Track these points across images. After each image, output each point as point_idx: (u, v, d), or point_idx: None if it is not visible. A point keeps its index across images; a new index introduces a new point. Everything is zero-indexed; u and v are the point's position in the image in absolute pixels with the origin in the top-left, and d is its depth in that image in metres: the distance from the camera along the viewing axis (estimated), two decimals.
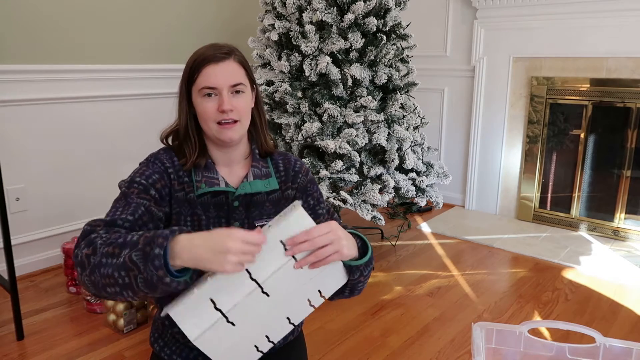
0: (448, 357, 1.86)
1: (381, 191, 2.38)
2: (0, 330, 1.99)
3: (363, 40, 2.35)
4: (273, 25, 2.52)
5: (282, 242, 0.88)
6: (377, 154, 2.47)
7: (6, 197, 1.99)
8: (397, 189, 2.46)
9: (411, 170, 2.54)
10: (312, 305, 0.95)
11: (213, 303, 0.85)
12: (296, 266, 0.89)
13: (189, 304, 0.84)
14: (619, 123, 2.94)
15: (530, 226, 3.26)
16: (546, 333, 1.95)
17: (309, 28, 2.34)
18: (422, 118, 2.66)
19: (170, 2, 2.91)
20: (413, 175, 2.49)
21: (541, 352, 1.11)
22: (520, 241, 3.00)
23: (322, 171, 2.29)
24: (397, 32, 2.50)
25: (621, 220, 3.00)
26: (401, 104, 2.53)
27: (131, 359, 1.83)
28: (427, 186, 2.58)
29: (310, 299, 0.94)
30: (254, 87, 1.12)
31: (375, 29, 2.38)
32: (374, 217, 2.34)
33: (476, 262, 2.72)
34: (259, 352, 0.92)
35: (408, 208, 3.52)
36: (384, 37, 2.41)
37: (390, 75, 2.45)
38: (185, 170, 1.07)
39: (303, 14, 2.38)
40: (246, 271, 0.86)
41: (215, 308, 0.85)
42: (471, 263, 2.71)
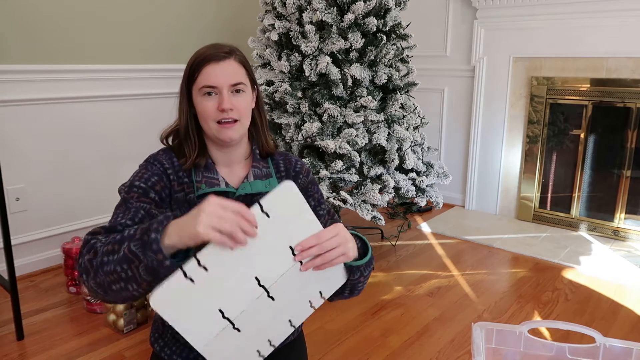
0: (448, 357, 1.86)
1: (381, 191, 2.38)
2: (0, 330, 1.99)
3: (363, 40, 2.35)
4: (273, 25, 2.52)
5: (291, 248, 0.88)
6: (377, 154, 2.47)
7: (6, 197, 1.99)
8: (397, 189, 2.46)
9: (411, 170, 2.54)
10: (313, 306, 0.96)
11: (221, 313, 0.85)
12: (303, 269, 0.90)
13: (196, 316, 0.83)
14: (619, 123, 2.94)
15: (530, 226, 3.26)
16: (546, 333, 1.95)
17: (309, 28, 2.34)
18: (422, 118, 2.66)
19: (170, 2, 2.91)
20: (413, 175, 2.49)
21: (541, 352, 1.11)
22: (520, 241, 3.00)
23: (322, 171, 2.29)
24: (397, 32, 2.50)
25: (621, 220, 3.00)
26: (401, 104, 2.53)
27: (131, 359, 1.83)
28: (427, 186, 2.58)
29: (311, 301, 0.95)
30: (255, 88, 1.12)
31: (375, 29, 2.38)
32: (374, 217, 2.34)
33: (476, 262, 2.72)
34: (261, 357, 0.93)
35: (408, 208, 3.52)
36: (384, 37, 2.41)
37: (390, 75, 2.45)
38: (185, 169, 1.07)
39: (303, 14, 2.38)
40: (255, 279, 0.86)
41: (223, 317, 0.85)
42: (471, 263, 2.71)
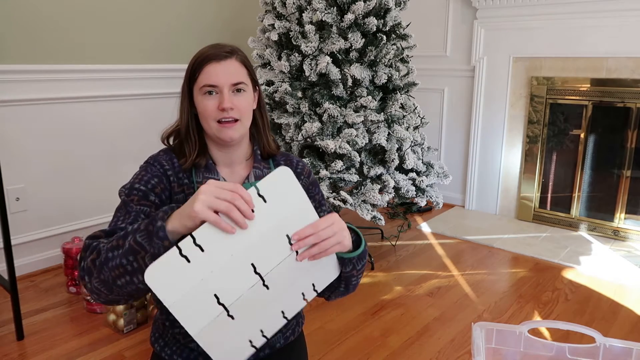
0: (448, 357, 1.86)
1: (381, 191, 2.38)
2: (0, 330, 1.99)
3: (363, 40, 2.35)
4: (273, 25, 2.52)
5: (288, 236, 0.89)
6: (377, 154, 2.47)
7: (6, 197, 1.99)
8: (397, 189, 2.46)
9: (411, 170, 2.54)
10: (305, 299, 0.97)
11: (216, 298, 0.86)
12: (299, 258, 0.91)
13: (192, 299, 0.84)
14: (619, 123, 2.94)
15: (530, 226, 3.26)
16: (546, 333, 1.95)
17: (309, 28, 2.34)
18: (422, 118, 2.66)
19: (170, 2, 2.91)
20: (413, 175, 2.49)
21: (541, 352, 1.11)
22: (520, 241, 3.00)
23: (322, 171, 2.29)
24: (397, 32, 2.50)
25: (621, 220, 3.00)
26: (401, 104, 2.53)
27: (131, 359, 1.83)
28: (427, 186, 2.58)
29: (304, 293, 0.96)
30: (257, 88, 1.12)
31: (375, 29, 2.38)
32: (374, 217, 2.34)
33: (476, 262, 2.72)
34: (253, 347, 0.93)
35: (408, 208, 3.52)
36: (384, 37, 2.41)
37: (390, 75, 2.45)
38: (185, 169, 1.07)
39: (303, 14, 2.38)
40: (251, 265, 0.87)
41: (218, 302, 0.86)
42: (471, 263, 2.71)
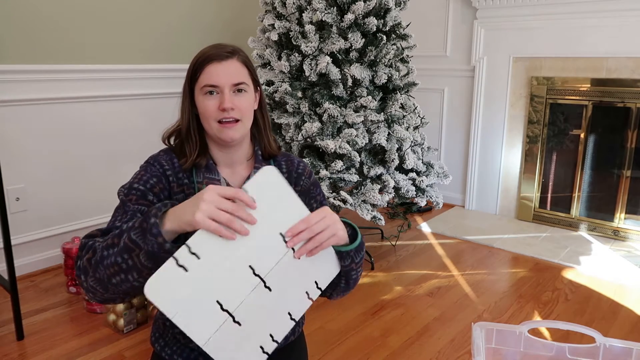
0: (448, 357, 1.86)
1: (381, 191, 2.38)
2: (0, 330, 1.99)
3: (363, 40, 2.35)
4: (273, 25, 2.52)
5: (282, 234, 0.89)
6: (377, 154, 2.47)
7: (6, 197, 1.99)
8: (397, 189, 2.46)
9: (411, 170, 2.54)
10: (310, 298, 0.97)
11: (220, 305, 0.86)
12: (296, 255, 0.91)
13: (195, 309, 0.84)
14: (619, 123, 2.94)
15: (530, 226, 3.26)
16: (546, 333, 1.95)
17: (309, 28, 2.34)
18: (422, 118, 2.66)
19: (170, 3, 2.91)
20: (413, 175, 2.49)
21: (541, 352, 1.11)
22: (520, 241, 3.00)
23: (322, 171, 2.29)
24: (397, 32, 2.50)
25: (621, 220, 3.00)
26: (401, 104, 2.53)
27: (131, 359, 1.83)
28: (427, 186, 2.58)
29: (308, 292, 0.96)
30: (258, 89, 1.12)
31: (375, 29, 2.38)
32: (374, 217, 2.34)
33: (476, 262, 2.72)
34: (265, 354, 0.93)
35: (408, 208, 3.52)
36: (384, 37, 2.41)
37: (390, 75, 2.45)
38: (185, 169, 1.07)
39: (303, 14, 2.38)
40: (250, 267, 0.87)
41: (222, 309, 0.86)
42: (471, 263, 2.71)
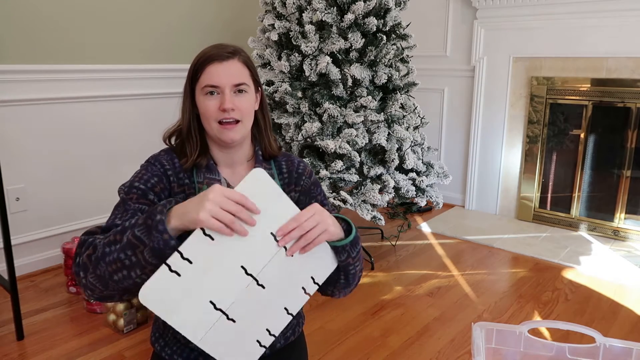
0: (448, 357, 1.86)
1: (381, 191, 2.38)
2: (0, 330, 1.99)
3: (363, 40, 2.35)
4: (273, 25, 2.52)
5: (272, 234, 0.89)
6: (377, 154, 2.47)
7: (6, 197, 1.99)
8: (397, 189, 2.46)
9: (411, 170, 2.54)
10: (307, 293, 0.97)
11: (212, 304, 0.86)
12: (288, 253, 0.91)
13: (188, 309, 0.84)
14: (619, 123, 2.94)
15: (530, 226, 3.26)
16: (546, 333, 1.95)
17: (309, 28, 2.34)
18: (422, 118, 2.66)
19: (170, 3, 2.91)
20: (413, 175, 2.49)
21: (541, 352, 1.11)
22: (520, 241, 3.00)
23: (322, 171, 2.29)
24: (397, 32, 2.50)
25: (621, 220, 3.00)
26: (401, 104, 2.53)
27: (131, 359, 1.83)
28: (427, 186, 2.58)
29: (304, 287, 0.96)
30: (259, 89, 1.12)
31: (375, 29, 2.38)
32: (374, 217, 2.34)
33: (476, 262, 2.72)
34: (262, 347, 0.93)
35: (408, 208, 3.52)
36: (384, 37, 2.41)
37: (390, 75, 2.45)
38: (185, 169, 1.07)
39: (303, 14, 2.38)
40: (241, 268, 0.87)
41: (215, 308, 0.86)
42: (471, 263, 2.71)
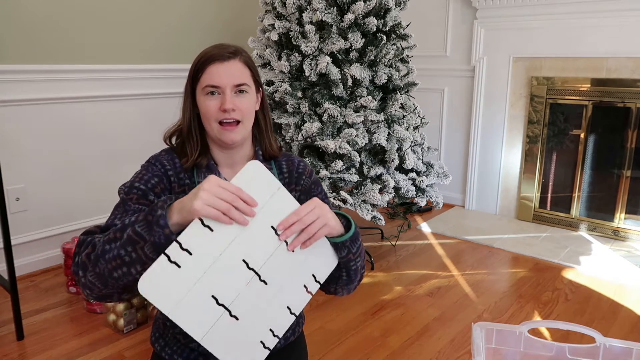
0: (448, 357, 1.86)
1: (381, 191, 2.38)
2: (0, 330, 1.99)
3: (363, 40, 2.35)
4: (273, 25, 2.52)
5: (273, 227, 0.89)
6: (377, 154, 2.47)
7: (6, 197, 1.99)
8: (397, 189, 2.46)
9: (411, 170, 2.54)
10: (309, 292, 0.97)
11: (215, 299, 0.86)
12: (290, 248, 0.91)
13: (190, 304, 0.84)
14: (619, 123, 2.94)
15: (530, 226, 3.26)
16: (546, 333, 1.95)
17: (309, 28, 2.34)
18: (422, 118, 2.66)
19: (170, 3, 2.91)
20: (413, 175, 2.49)
21: (541, 352, 1.11)
22: (520, 241, 3.00)
23: (322, 171, 2.29)
24: (397, 32, 2.50)
25: (621, 220, 3.00)
26: (401, 104, 2.53)
27: (131, 359, 1.83)
28: (427, 186, 2.58)
29: (306, 285, 0.96)
30: (260, 90, 1.12)
31: (375, 29, 2.38)
32: (374, 217, 2.34)
33: (476, 262, 2.72)
34: (266, 349, 0.93)
35: (408, 208, 3.52)
36: (384, 37, 2.41)
37: (390, 75, 2.45)
38: (186, 168, 1.07)
39: (303, 14, 2.38)
40: (243, 261, 0.87)
41: (217, 304, 0.86)
42: (471, 263, 2.71)
